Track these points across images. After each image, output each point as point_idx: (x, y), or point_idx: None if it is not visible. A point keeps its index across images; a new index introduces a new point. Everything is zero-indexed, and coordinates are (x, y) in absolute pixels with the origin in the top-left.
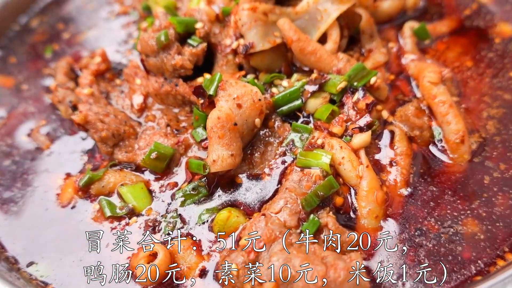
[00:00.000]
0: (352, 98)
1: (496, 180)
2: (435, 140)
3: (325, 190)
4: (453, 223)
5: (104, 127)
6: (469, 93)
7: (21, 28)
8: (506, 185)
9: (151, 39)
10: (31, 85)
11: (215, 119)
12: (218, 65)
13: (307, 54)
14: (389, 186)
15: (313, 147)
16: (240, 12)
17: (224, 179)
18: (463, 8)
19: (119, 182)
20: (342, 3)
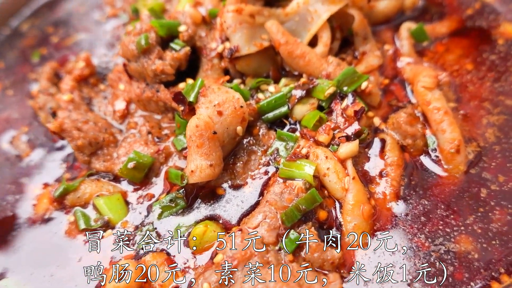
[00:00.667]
0: (341, 104)
1: (493, 193)
2: (429, 149)
3: (307, 203)
4: (445, 240)
5: (81, 136)
6: (468, 99)
7: (12, 32)
8: (504, 199)
9: (131, 43)
10: (17, 91)
11: (193, 128)
12: (203, 70)
13: (295, 58)
14: (377, 199)
15: (297, 157)
16: (225, 14)
17: (204, 190)
18: (465, 7)
19: (95, 193)
20: (333, 4)
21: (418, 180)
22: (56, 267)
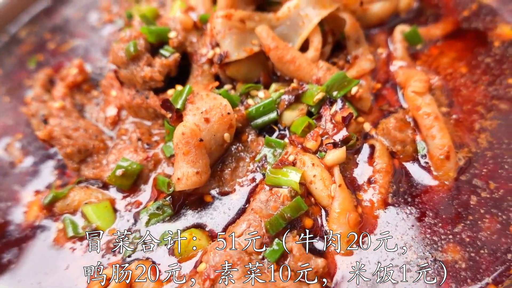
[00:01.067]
0: (330, 110)
1: (484, 200)
2: (419, 155)
3: (292, 212)
4: (432, 249)
5: (70, 143)
6: (461, 103)
7: (10, 38)
8: (495, 207)
9: (120, 50)
10: (13, 97)
11: (179, 135)
12: (193, 76)
13: (285, 63)
14: (365, 206)
15: (283, 164)
16: (214, 20)
17: (192, 197)
18: (462, 9)
19: (84, 200)
20: (324, 8)
21: (407, 187)
22: (44, 274)
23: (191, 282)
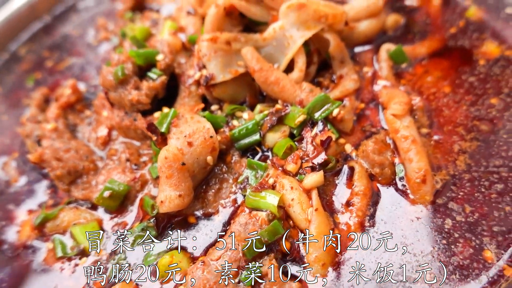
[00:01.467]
0: (311, 132)
1: (458, 224)
2: (397, 178)
3: (269, 236)
4: (407, 271)
5: (60, 165)
6: (442, 123)
7: (10, 56)
8: (469, 231)
9: (109, 74)
10: (11, 116)
11: (163, 159)
12: (181, 97)
13: (270, 84)
14: (341, 230)
15: (263, 188)
16: (200, 43)
17: (177, 218)
18: (449, 26)
19: (73, 221)
20: (308, 30)
21: (384, 210)
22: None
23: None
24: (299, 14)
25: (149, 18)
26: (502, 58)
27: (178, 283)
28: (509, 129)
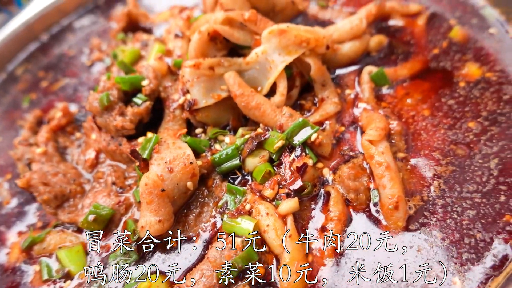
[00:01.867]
0: (290, 157)
1: (429, 251)
2: (372, 203)
3: (242, 262)
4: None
5: (46, 190)
6: (419, 148)
7: (7, 76)
8: (439, 258)
9: (95, 101)
10: (5, 137)
11: (143, 185)
12: (165, 121)
13: (251, 109)
14: (315, 256)
15: (239, 214)
16: (183, 69)
17: (157, 242)
18: (432, 47)
19: (59, 244)
20: (289, 55)
21: (358, 236)
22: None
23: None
24: (280, 39)
25: (140, 40)
26: (483, 80)
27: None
28: (485, 154)
